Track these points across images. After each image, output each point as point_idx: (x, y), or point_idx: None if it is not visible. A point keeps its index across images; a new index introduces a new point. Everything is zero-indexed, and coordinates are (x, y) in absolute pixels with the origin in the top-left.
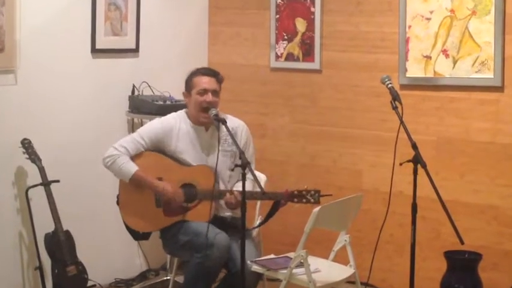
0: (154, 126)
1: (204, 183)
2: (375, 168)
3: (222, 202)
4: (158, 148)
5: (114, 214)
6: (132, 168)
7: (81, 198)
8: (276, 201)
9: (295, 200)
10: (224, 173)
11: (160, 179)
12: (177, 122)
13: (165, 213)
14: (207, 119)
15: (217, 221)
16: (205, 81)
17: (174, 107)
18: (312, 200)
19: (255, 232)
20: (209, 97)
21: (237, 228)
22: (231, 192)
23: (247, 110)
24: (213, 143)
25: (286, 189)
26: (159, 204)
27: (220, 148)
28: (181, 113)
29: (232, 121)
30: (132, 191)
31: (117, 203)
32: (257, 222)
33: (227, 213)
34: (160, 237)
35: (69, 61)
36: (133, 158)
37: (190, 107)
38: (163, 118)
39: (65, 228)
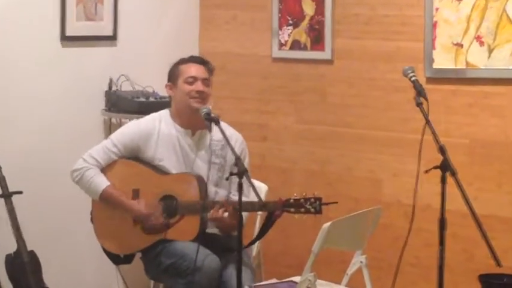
0: (129, 130)
1: (186, 195)
2: (396, 176)
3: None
4: (134, 155)
5: (88, 232)
6: (101, 184)
7: (49, 212)
8: (270, 213)
9: (292, 210)
10: (209, 188)
11: (136, 191)
12: (156, 124)
13: (144, 231)
14: (198, 103)
15: (205, 239)
16: (193, 69)
17: (159, 104)
18: (312, 210)
19: (253, 252)
20: (199, 86)
21: (228, 247)
22: (222, 204)
23: (245, 109)
24: (200, 150)
25: (280, 197)
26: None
27: (205, 158)
28: (164, 112)
29: (228, 129)
30: (106, 206)
31: (92, 220)
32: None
33: (216, 230)
34: (141, 259)
35: (34, 51)
36: (105, 168)
37: (175, 102)
38: (141, 120)
39: (29, 248)
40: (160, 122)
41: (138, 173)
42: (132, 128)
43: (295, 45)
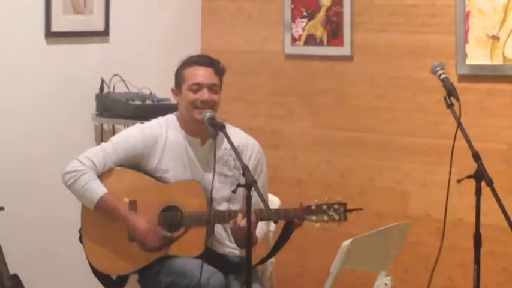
0: (133, 135)
1: (192, 205)
2: (425, 187)
3: (220, 232)
4: (134, 164)
5: (78, 252)
6: (98, 190)
7: (34, 231)
8: (288, 222)
9: (314, 218)
10: (219, 202)
11: (134, 202)
12: (163, 131)
13: (142, 248)
14: (200, 115)
15: (211, 257)
16: (199, 73)
17: (157, 108)
18: (336, 217)
19: (267, 274)
20: (204, 94)
21: (237, 265)
22: (238, 214)
23: (255, 112)
24: (211, 162)
25: (301, 202)
26: (133, 236)
27: (217, 169)
28: (171, 117)
29: (240, 137)
30: (98, 221)
31: (80, 239)
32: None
33: (227, 250)
34: (138, 281)
35: (16, 49)
36: (100, 176)
37: (181, 108)
38: (145, 125)
39: (12, 272)
40: (168, 128)
41: (135, 181)
42: (136, 133)
43: (310, 40)
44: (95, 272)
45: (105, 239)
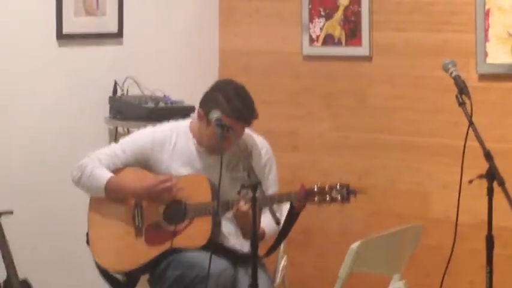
0: (141, 138)
1: (195, 197)
2: (447, 189)
3: (226, 224)
4: (143, 166)
5: (88, 256)
6: (104, 175)
7: (44, 235)
8: (292, 206)
9: (316, 198)
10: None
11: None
12: (173, 136)
13: (147, 242)
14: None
15: (219, 251)
16: (236, 128)
17: (171, 110)
18: (339, 198)
19: (277, 277)
20: (231, 141)
21: (246, 259)
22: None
23: (273, 114)
24: (218, 169)
25: (302, 184)
26: (139, 230)
27: (226, 175)
28: (183, 125)
29: (250, 136)
30: (103, 220)
31: (87, 242)
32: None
33: (236, 245)
34: (148, 281)
35: (27, 52)
36: None
37: (201, 130)
38: (157, 128)
39: (21, 276)
40: (178, 134)
41: (141, 177)
42: (145, 135)
43: (328, 40)
44: (104, 274)
45: (112, 237)
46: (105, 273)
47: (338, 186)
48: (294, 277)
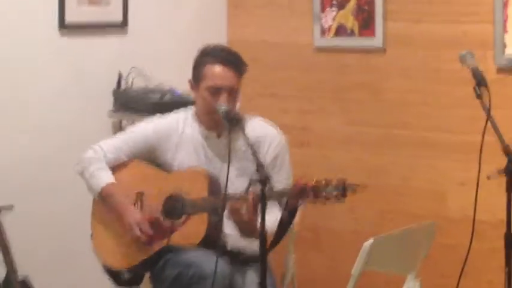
0: (146, 128)
1: (194, 192)
2: (464, 186)
3: (227, 223)
4: (149, 157)
5: (90, 252)
6: (103, 179)
7: (45, 231)
8: (286, 204)
9: (309, 196)
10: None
11: (140, 194)
12: (180, 125)
13: (145, 240)
14: (217, 121)
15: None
16: (219, 74)
17: (177, 103)
18: (334, 193)
19: (286, 278)
20: (223, 99)
21: (244, 257)
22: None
23: (283, 108)
24: (225, 158)
25: (297, 180)
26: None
27: (235, 163)
28: (188, 111)
29: (259, 129)
30: (105, 216)
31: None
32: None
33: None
34: (150, 278)
35: (28, 42)
36: (113, 167)
37: (197, 103)
38: (162, 119)
39: (22, 273)
40: (185, 123)
41: (144, 172)
42: (150, 126)
43: (341, 30)
44: (108, 270)
45: (113, 233)
46: (109, 270)
47: (335, 182)
48: (305, 277)
